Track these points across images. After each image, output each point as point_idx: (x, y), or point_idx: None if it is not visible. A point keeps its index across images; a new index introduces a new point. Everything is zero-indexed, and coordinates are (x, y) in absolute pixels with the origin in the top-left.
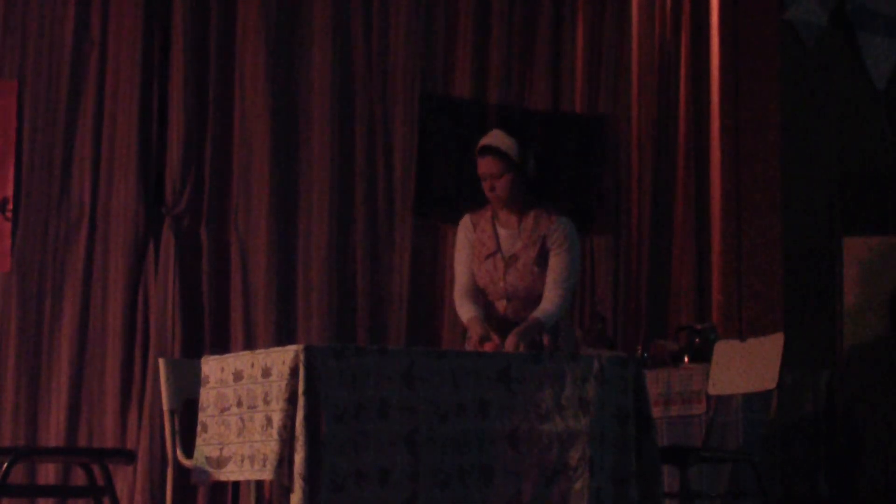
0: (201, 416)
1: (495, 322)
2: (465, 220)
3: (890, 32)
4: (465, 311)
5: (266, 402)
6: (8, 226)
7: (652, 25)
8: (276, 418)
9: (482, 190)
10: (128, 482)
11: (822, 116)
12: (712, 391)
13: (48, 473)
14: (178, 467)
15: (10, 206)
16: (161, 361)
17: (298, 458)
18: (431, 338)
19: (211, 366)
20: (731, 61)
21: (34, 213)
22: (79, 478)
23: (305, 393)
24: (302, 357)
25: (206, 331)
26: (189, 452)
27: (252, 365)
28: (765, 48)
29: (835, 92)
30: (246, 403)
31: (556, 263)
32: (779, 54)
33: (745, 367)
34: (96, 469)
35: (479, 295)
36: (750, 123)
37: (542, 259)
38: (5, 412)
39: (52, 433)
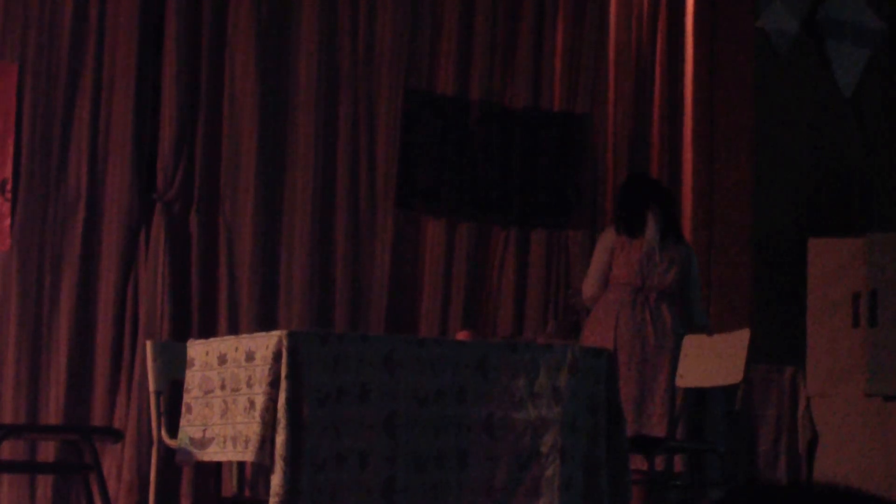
0: (186, 398)
1: None
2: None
3: (857, 41)
4: None
5: (249, 385)
6: (7, 206)
7: (629, 28)
8: (259, 401)
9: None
10: (116, 460)
11: (792, 121)
12: (680, 384)
13: (49, 451)
14: (164, 447)
15: (10, 187)
16: (148, 344)
17: (280, 440)
18: (410, 327)
19: (196, 349)
20: (705, 65)
21: (33, 194)
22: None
23: (288, 377)
24: (285, 342)
25: (194, 314)
26: (174, 433)
27: (236, 349)
28: (738, 53)
29: (805, 97)
30: (229, 386)
31: None
32: (752, 60)
33: (713, 361)
34: (85, 447)
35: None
36: (723, 126)
37: None
38: (6, 389)
39: (52, 411)
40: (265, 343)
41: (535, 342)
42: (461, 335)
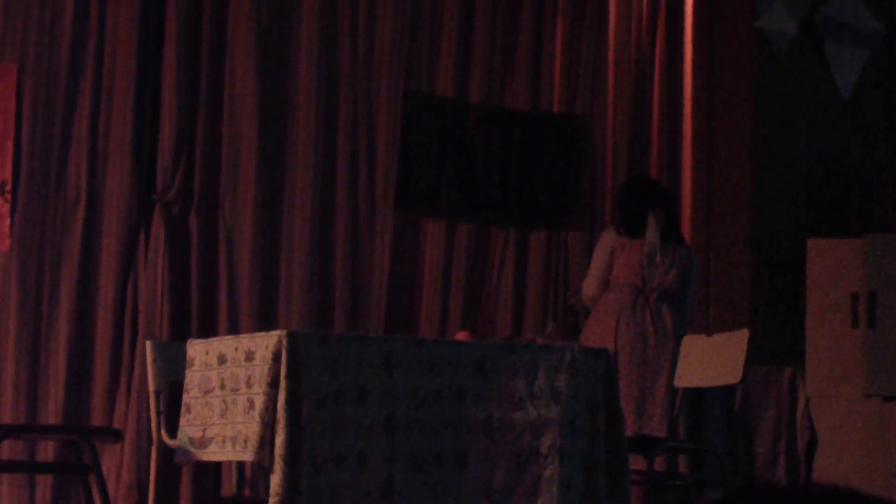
0: (185, 398)
1: None
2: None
3: (856, 42)
4: None
5: (249, 385)
6: (7, 207)
7: (629, 29)
8: (259, 401)
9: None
10: (116, 460)
11: (791, 121)
12: (678, 384)
13: (48, 451)
14: (163, 447)
15: (9, 188)
16: (147, 344)
17: (279, 440)
18: (409, 328)
19: (196, 349)
20: (704, 66)
21: (33, 194)
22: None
23: (287, 377)
24: (285, 342)
25: (194, 315)
26: (173, 433)
27: (236, 349)
28: (738, 54)
29: (804, 98)
30: (229, 386)
31: None
32: (751, 61)
33: (711, 361)
34: (85, 447)
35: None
36: (722, 126)
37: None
38: (6, 389)
39: (52, 410)
40: (265, 343)
41: (535, 343)
42: (460, 336)
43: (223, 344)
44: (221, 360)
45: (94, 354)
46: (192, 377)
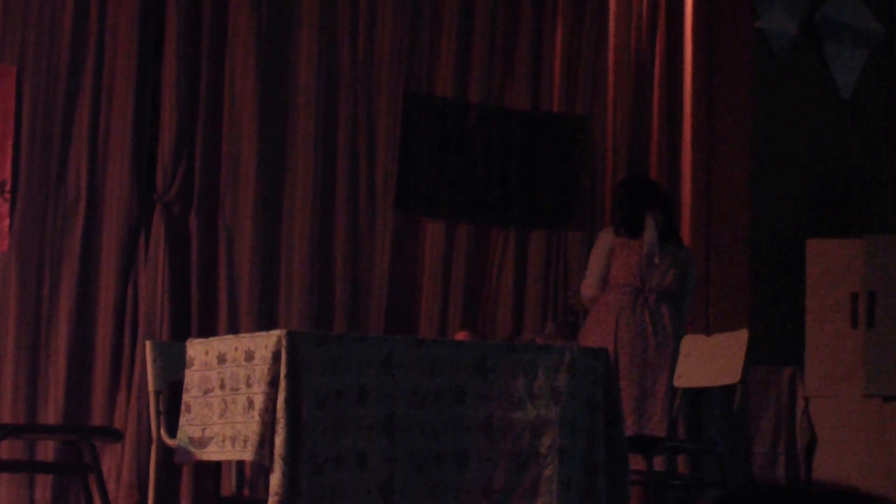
0: (185, 398)
1: None
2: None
3: (856, 43)
4: None
5: (248, 384)
6: (7, 207)
7: (629, 30)
8: (258, 401)
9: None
10: (116, 460)
11: (791, 122)
12: (678, 384)
13: (48, 451)
14: (163, 446)
15: (9, 188)
16: (147, 344)
17: (279, 440)
18: (409, 328)
19: (196, 349)
20: (704, 66)
21: (33, 194)
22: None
23: (287, 377)
24: (284, 342)
25: (194, 315)
26: (174, 432)
27: (236, 348)
28: (737, 55)
29: (804, 98)
30: (229, 386)
31: None
32: (751, 61)
33: (711, 361)
34: (85, 447)
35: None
36: (722, 126)
37: None
38: (6, 389)
39: (52, 410)
40: (265, 343)
41: (535, 343)
42: (460, 336)
43: (223, 344)
44: (221, 359)
45: (94, 354)
46: (191, 377)
